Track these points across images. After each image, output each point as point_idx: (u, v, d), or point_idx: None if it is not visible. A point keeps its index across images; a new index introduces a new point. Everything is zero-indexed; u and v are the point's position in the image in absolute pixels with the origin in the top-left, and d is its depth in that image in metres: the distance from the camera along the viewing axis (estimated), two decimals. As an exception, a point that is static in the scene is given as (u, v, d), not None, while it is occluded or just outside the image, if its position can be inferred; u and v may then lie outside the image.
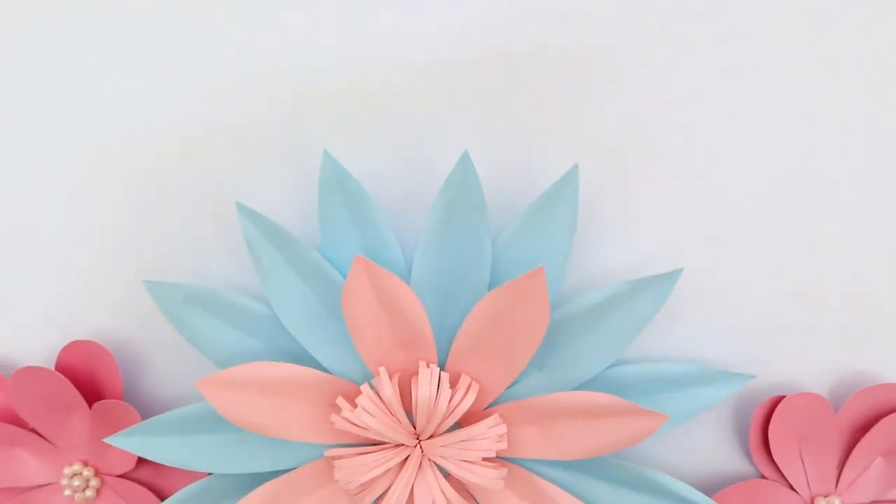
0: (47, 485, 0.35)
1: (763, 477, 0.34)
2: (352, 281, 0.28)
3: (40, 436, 0.35)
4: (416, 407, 0.30)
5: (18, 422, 0.35)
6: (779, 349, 0.33)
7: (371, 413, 0.30)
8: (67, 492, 0.35)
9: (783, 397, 0.32)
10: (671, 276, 0.30)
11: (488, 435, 0.31)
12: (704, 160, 0.32)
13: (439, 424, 0.31)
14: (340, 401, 0.31)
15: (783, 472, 0.33)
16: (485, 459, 0.31)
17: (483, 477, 0.31)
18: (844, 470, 0.34)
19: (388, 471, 0.31)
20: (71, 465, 0.35)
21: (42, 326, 0.35)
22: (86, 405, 0.33)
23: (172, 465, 0.32)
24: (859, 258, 0.32)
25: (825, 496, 0.34)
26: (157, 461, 0.32)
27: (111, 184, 0.34)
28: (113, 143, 0.33)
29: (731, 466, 0.34)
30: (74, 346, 0.33)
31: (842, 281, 0.33)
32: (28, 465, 0.35)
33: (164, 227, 0.34)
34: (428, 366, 0.31)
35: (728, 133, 0.32)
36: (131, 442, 0.32)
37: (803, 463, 0.34)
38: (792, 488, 0.34)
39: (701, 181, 0.32)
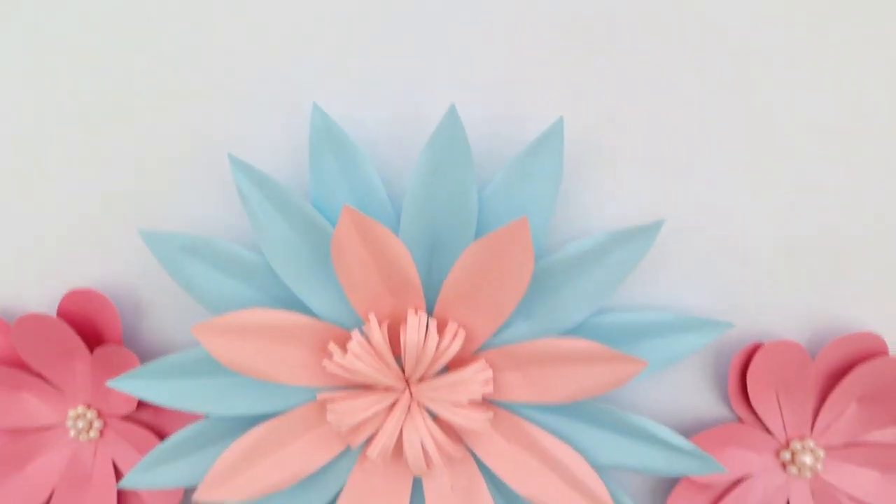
0: (52, 427, 0.37)
1: (741, 421, 0.35)
2: (340, 230, 0.29)
3: (45, 380, 0.36)
4: (404, 352, 0.32)
5: (24, 366, 0.36)
6: (758, 298, 0.34)
7: (361, 358, 0.31)
8: (72, 433, 0.36)
9: (761, 345, 0.33)
10: (653, 227, 0.31)
11: (475, 379, 0.32)
12: (688, 113, 0.33)
13: (427, 369, 0.32)
14: (332, 346, 0.32)
15: (760, 416, 0.35)
16: (471, 403, 0.32)
17: (470, 419, 0.32)
18: (820, 415, 0.35)
19: (377, 413, 0.33)
20: (75, 407, 0.36)
21: (43, 275, 0.36)
22: (87, 351, 0.35)
23: (170, 408, 0.33)
24: (839, 210, 0.33)
25: (800, 439, 0.35)
26: (156, 403, 0.33)
27: (109, 135, 0.34)
28: (108, 94, 0.34)
29: (711, 412, 0.36)
30: (75, 294, 0.34)
31: (821, 233, 0.33)
32: (34, 407, 0.37)
33: (160, 178, 0.34)
34: (416, 312, 0.32)
35: (712, 86, 0.32)
36: (131, 385, 0.33)
37: (780, 408, 0.35)
38: (769, 432, 0.35)
39: (684, 134, 0.33)
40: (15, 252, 0.36)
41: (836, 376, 0.34)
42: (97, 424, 0.36)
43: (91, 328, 0.35)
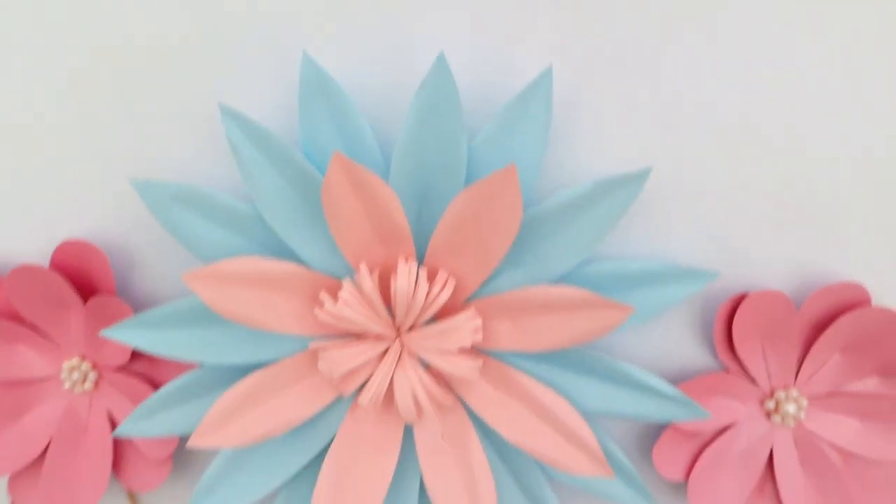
0: (47, 379, 0.37)
1: (726, 371, 0.36)
2: (330, 177, 0.29)
3: (39, 332, 0.36)
4: (394, 300, 0.32)
5: (18, 319, 0.36)
6: (744, 249, 0.34)
7: (352, 306, 0.32)
8: (67, 384, 0.37)
9: (747, 294, 0.34)
10: (641, 175, 0.31)
11: (465, 327, 0.32)
12: (676, 62, 0.33)
13: (418, 318, 0.32)
14: (323, 295, 0.32)
15: (745, 366, 0.35)
16: (461, 351, 0.33)
17: (460, 367, 0.33)
18: (804, 364, 0.35)
19: (369, 361, 0.33)
20: (69, 359, 0.37)
21: (35, 227, 0.36)
22: (81, 302, 0.35)
23: (164, 357, 0.33)
24: (824, 159, 0.33)
25: (784, 388, 0.36)
26: (150, 352, 0.33)
27: (99, 87, 0.34)
28: (99, 47, 0.34)
29: (697, 362, 0.36)
30: (67, 245, 0.34)
31: (807, 183, 0.34)
32: (28, 359, 0.37)
33: (151, 129, 0.34)
34: (406, 261, 0.32)
35: (701, 33, 0.33)
36: (126, 334, 0.33)
37: (765, 358, 0.35)
38: (753, 381, 0.36)
39: (674, 82, 0.33)
40: (6, 204, 0.36)
41: (821, 326, 0.35)
42: (92, 376, 0.37)
43: (84, 279, 0.35)
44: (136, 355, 0.36)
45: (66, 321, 0.36)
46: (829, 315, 0.35)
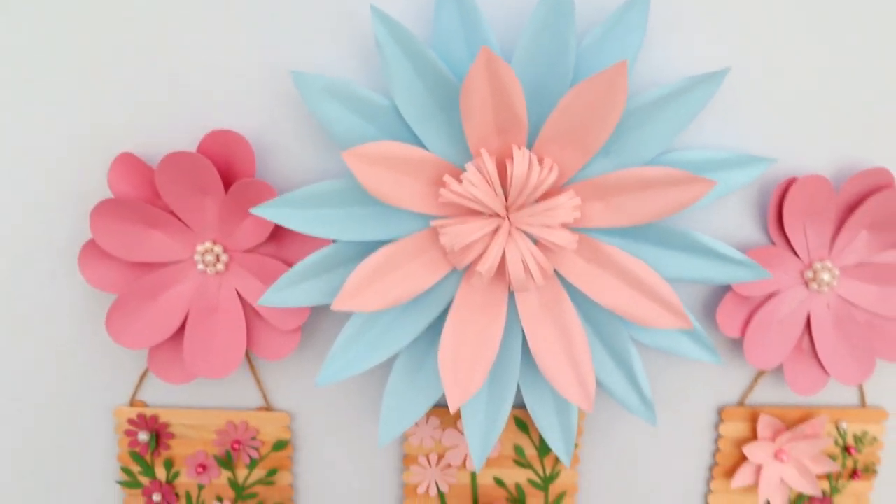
0: (181, 261, 0.41)
1: (774, 245, 0.42)
2: (476, 67, 0.34)
3: (177, 218, 0.40)
4: (510, 181, 0.37)
5: (158, 206, 0.40)
6: (797, 139, 0.41)
7: (476, 184, 0.37)
8: (200, 266, 0.41)
9: (796, 179, 0.40)
10: (720, 73, 0.37)
11: (567, 205, 0.38)
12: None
13: (527, 198, 0.38)
14: (447, 177, 0.37)
15: (790, 241, 0.42)
16: (563, 225, 0.38)
17: (563, 238, 0.38)
18: (837, 239, 0.42)
19: (484, 236, 0.38)
20: (203, 242, 0.41)
21: (183, 120, 0.40)
22: (221, 187, 0.39)
23: (305, 233, 0.38)
24: (871, 64, 0.40)
25: (821, 260, 0.42)
26: (294, 229, 0.38)
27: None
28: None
29: (752, 238, 0.43)
30: (215, 134, 0.38)
31: (853, 83, 0.40)
32: (164, 244, 0.41)
33: (297, 30, 0.39)
34: (520, 148, 0.38)
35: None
36: (272, 212, 0.38)
37: (806, 234, 0.42)
38: (796, 255, 0.42)
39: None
40: (154, 101, 0.40)
41: (853, 207, 0.42)
42: (224, 258, 0.41)
43: (227, 167, 0.39)
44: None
45: (203, 207, 0.40)
46: (861, 196, 0.41)
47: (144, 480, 0.47)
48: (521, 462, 0.47)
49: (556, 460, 0.47)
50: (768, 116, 0.40)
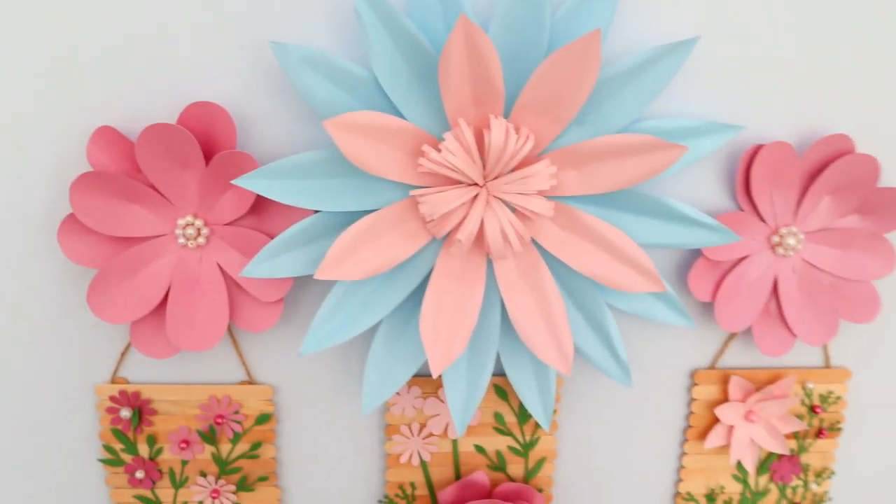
0: (161, 235, 0.41)
1: (742, 211, 0.44)
2: (454, 36, 0.35)
3: (158, 192, 0.40)
4: (488, 150, 0.38)
5: (138, 180, 0.40)
6: (763, 108, 0.42)
7: (455, 153, 0.38)
8: (181, 240, 0.41)
9: (762, 146, 0.42)
10: (688, 42, 0.38)
11: (543, 172, 0.39)
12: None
13: (504, 167, 0.39)
14: (426, 147, 0.38)
15: (758, 207, 0.43)
16: (539, 193, 0.39)
17: (539, 205, 0.39)
18: (801, 205, 0.44)
19: (462, 205, 0.39)
20: (184, 216, 0.41)
21: (162, 92, 0.40)
22: (202, 160, 0.39)
23: (287, 203, 0.38)
24: (831, 34, 0.41)
25: (787, 226, 0.44)
26: (275, 199, 0.38)
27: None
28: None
29: (720, 204, 0.44)
30: (195, 106, 0.39)
31: (816, 54, 0.42)
32: (144, 218, 0.41)
33: (275, 5, 0.39)
34: (497, 117, 0.38)
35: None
36: (254, 183, 0.38)
37: (772, 200, 0.43)
38: (763, 220, 0.44)
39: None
40: (133, 72, 0.40)
41: (816, 173, 0.43)
42: (205, 231, 0.41)
43: (207, 140, 0.39)
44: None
45: (183, 181, 0.40)
46: (823, 162, 0.43)
47: (127, 458, 0.47)
48: (502, 429, 0.48)
49: (536, 427, 0.48)
50: (735, 86, 0.42)
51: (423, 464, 0.49)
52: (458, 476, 0.49)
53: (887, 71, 0.42)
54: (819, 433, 0.50)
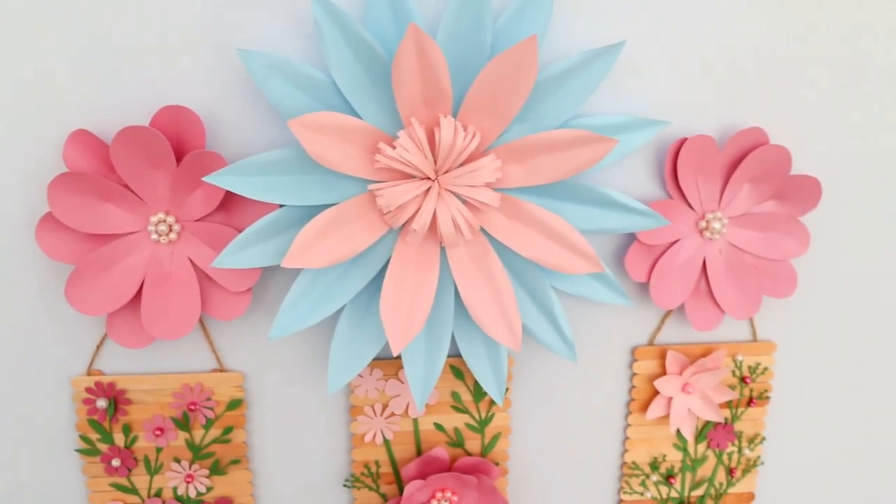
0: (135, 232, 0.44)
1: (671, 199, 0.48)
2: (406, 43, 0.38)
3: (131, 191, 0.43)
4: (439, 147, 0.42)
5: (113, 180, 0.43)
6: (687, 105, 0.47)
7: (408, 150, 0.41)
8: (154, 236, 0.44)
9: (687, 139, 0.46)
10: (617, 46, 0.42)
11: (489, 166, 0.43)
12: (636, -35, 0.44)
13: (453, 162, 0.42)
14: (382, 144, 0.42)
15: (685, 194, 0.48)
16: (487, 185, 0.43)
17: (486, 196, 0.43)
18: (725, 193, 0.48)
19: (416, 197, 0.43)
20: (156, 214, 0.44)
21: (135, 97, 0.43)
22: (174, 160, 0.42)
23: (254, 198, 0.41)
24: (746, 37, 0.46)
25: (712, 212, 0.48)
26: (243, 195, 0.41)
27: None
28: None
29: (651, 193, 0.48)
30: (167, 110, 0.41)
31: (732, 55, 0.46)
32: (118, 216, 0.43)
33: (242, 11, 0.42)
34: (446, 116, 0.42)
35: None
36: (224, 180, 0.41)
37: (698, 188, 0.48)
38: (691, 207, 0.48)
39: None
40: (107, 78, 0.42)
41: (736, 163, 0.48)
42: (176, 228, 0.44)
43: (178, 142, 0.42)
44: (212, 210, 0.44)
45: (155, 180, 0.43)
46: (742, 153, 0.48)
47: (103, 447, 0.50)
48: (459, 407, 0.52)
49: (490, 404, 0.52)
50: (661, 85, 0.46)
51: (387, 442, 0.52)
52: (419, 453, 0.53)
53: (796, 71, 0.47)
54: (750, 402, 0.54)
